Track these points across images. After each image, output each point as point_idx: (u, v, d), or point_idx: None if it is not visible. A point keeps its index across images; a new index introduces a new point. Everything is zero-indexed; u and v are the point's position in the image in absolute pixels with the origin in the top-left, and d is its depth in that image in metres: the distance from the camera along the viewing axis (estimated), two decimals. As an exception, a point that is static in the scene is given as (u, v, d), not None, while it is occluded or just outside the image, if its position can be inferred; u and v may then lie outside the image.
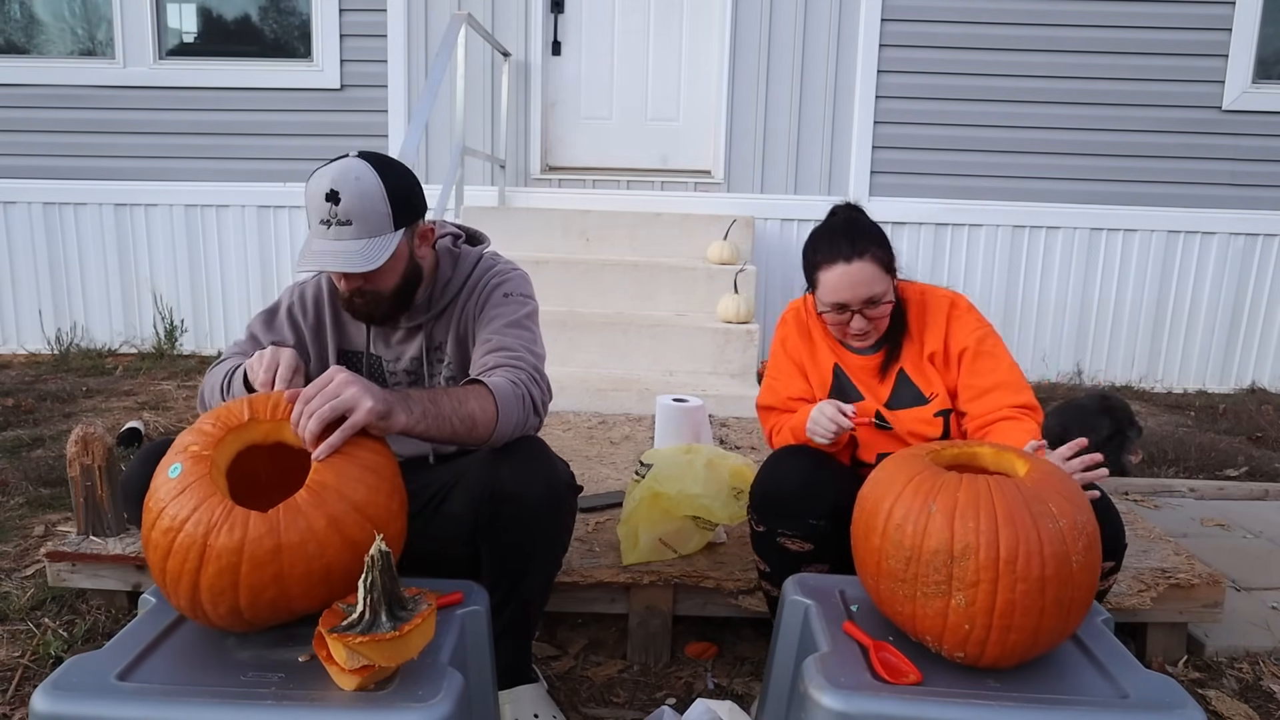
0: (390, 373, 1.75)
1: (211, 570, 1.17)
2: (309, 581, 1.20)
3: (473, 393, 1.49)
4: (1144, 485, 3.09)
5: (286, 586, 1.19)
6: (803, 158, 4.88)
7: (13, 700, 1.80)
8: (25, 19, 5.00)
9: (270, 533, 1.18)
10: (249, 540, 1.17)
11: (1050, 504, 1.22)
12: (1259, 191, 4.80)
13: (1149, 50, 4.69)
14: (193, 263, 5.09)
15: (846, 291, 1.75)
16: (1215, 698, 1.89)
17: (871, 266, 1.74)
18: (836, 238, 1.78)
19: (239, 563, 1.16)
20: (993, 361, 1.80)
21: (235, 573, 1.17)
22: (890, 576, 1.27)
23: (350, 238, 1.50)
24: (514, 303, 1.70)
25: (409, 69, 4.84)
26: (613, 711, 1.82)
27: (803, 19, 4.76)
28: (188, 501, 1.19)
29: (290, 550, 1.18)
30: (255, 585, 1.17)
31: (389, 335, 1.74)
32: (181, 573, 1.18)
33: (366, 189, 1.51)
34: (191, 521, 1.18)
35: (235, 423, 1.30)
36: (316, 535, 1.20)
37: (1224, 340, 4.98)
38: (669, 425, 2.40)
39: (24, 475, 3.02)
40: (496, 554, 1.59)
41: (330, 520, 1.21)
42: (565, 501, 1.61)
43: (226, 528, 1.17)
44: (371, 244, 1.51)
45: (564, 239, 4.51)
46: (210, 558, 1.17)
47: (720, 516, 1.97)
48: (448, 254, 1.73)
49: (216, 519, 1.18)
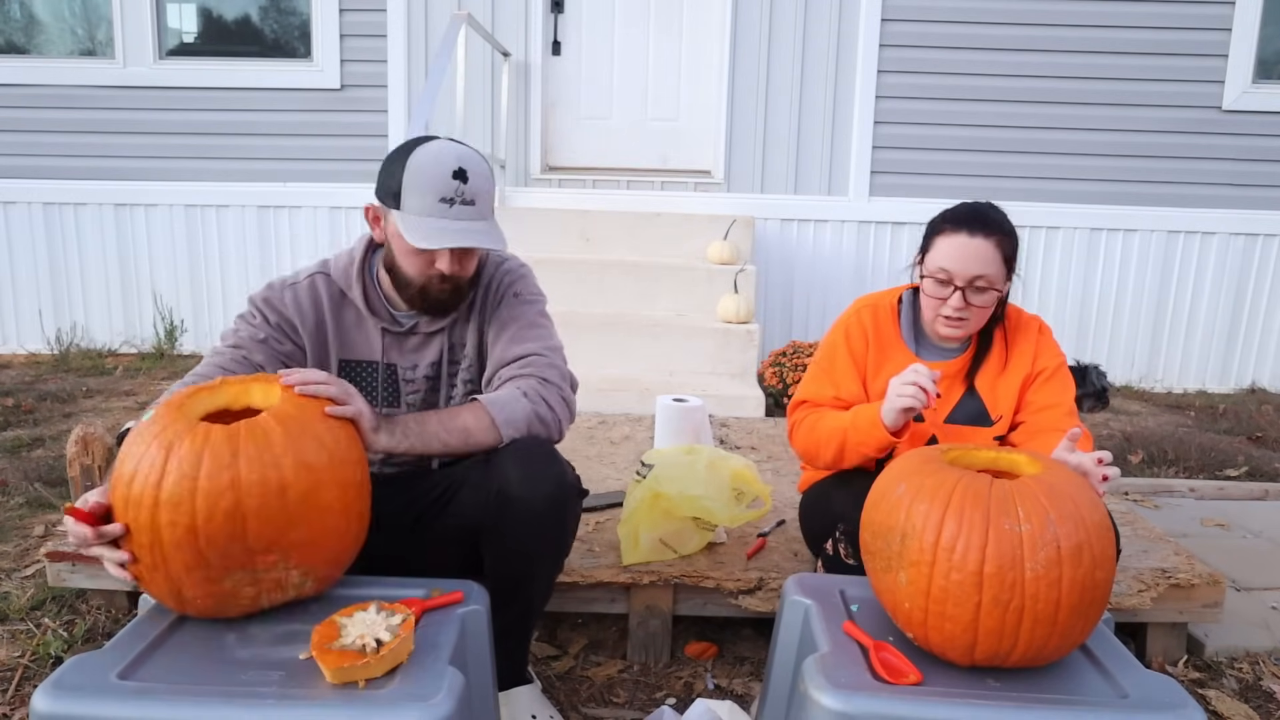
0: (407, 380, 1.69)
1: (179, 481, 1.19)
2: (265, 507, 1.22)
3: (466, 408, 1.53)
4: (1144, 485, 3.09)
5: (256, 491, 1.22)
6: (803, 158, 4.88)
7: (13, 700, 1.80)
8: (25, 19, 5.00)
9: (229, 437, 1.22)
10: (211, 444, 1.21)
11: (1021, 508, 1.20)
12: (1259, 191, 4.80)
13: (1149, 50, 4.69)
14: (193, 263, 5.09)
15: (957, 261, 1.68)
16: (1215, 698, 1.89)
17: (992, 248, 1.69)
18: (968, 212, 1.74)
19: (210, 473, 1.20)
20: (1060, 388, 1.80)
21: (218, 498, 1.19)
22: (867, 549, 1.36)
23: (472, 217, 1.53)
24: (525, 303, 1.72)
25: (409, 69, 4.84)
26: (613, 711, 1.82)
27: (803, 19, 4.76)
28: (163, 424, 1.25)
29: (257, 464, 1.22)
30: (240, 506, 1.20)
31: (404, 342, 1.69)
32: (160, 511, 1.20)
33: (486, 171, 1.56)
34: (160, 440, 1.22)
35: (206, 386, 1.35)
36: (277, 453, 1.23)
37: (1224, 340, 4.98)
38: (669, 425, 2.40)
39: (24, 475, 3.02)
40: (500, 555, 1.58)
41: (294, 448, 1.25)
42: (571, 505, 1.61)
43: (190, 438, 1.21)
44: (492, 225, 1.55)
45: (564, 239, 4.51)
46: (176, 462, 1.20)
47: (721, 518, 1.97)
48: None
49: (183, 429, 1.23)
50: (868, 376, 1.82)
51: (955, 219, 1.72)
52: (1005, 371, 1.81)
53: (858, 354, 1.83)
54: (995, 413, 1.80)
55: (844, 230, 4.93)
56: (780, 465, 2.81)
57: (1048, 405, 1.78)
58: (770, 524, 2.26)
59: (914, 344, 1.83)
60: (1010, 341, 1.82)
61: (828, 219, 4.92)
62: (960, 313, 1.72)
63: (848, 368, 1.82)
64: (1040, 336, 1.84)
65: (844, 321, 1.87)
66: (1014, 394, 1.80)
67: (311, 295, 1.66)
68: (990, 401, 1.80)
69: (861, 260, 4.95)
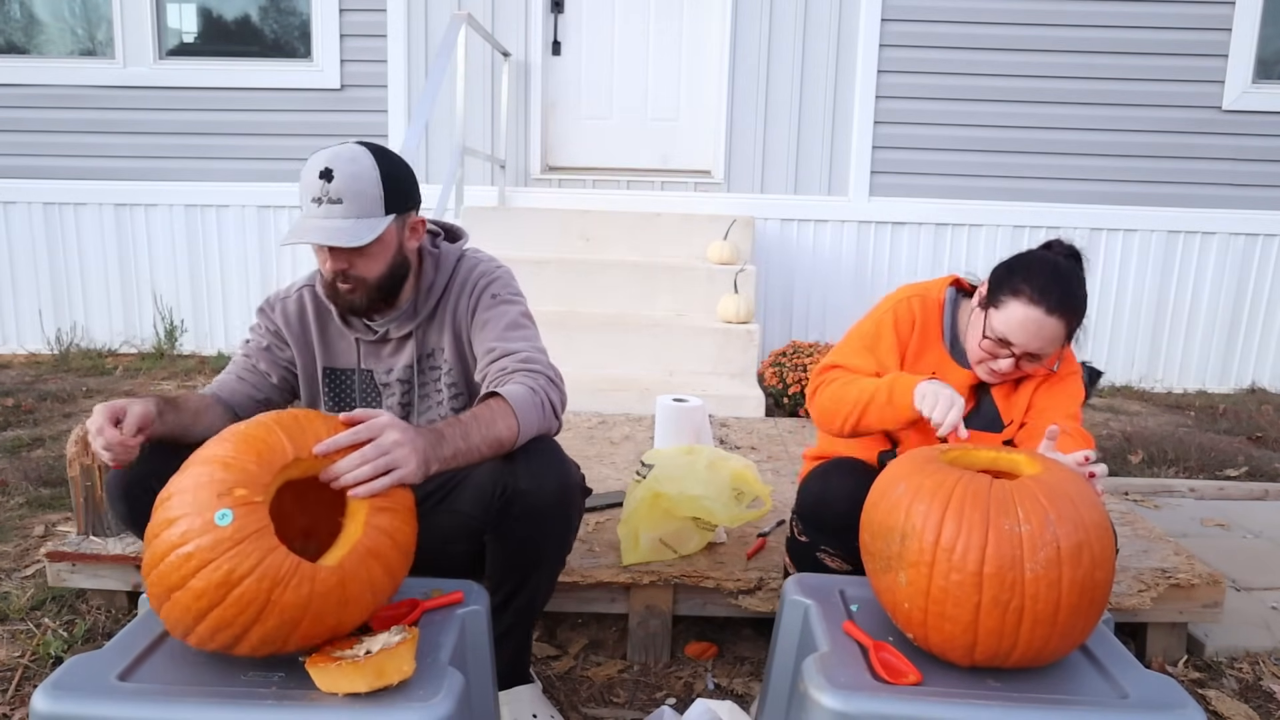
0: (383, 384, 1.73)
1: (272, 623, 1.13)
2: (344, 618, 1.20)
3: (499, 413, 1.48)
4: (1144, 485, 3.09)
5: (333, 628, 1.19)
6: (803, 158, 4.88)
7: (13, 700, 1.80)
8: (25, 19, 5.00)
9: (339, 585, 1.16)
10: (316, 595, 1.15)
11: (1020, 508, 1.20)
12: (1259, 191, 4.80)
13: (1149, 50, 4.69)
14: (193, 263, 5.09)
15: (1023, 335, 1.64)
16: (1215, 698, 1.89)
17: (1061, 329, 1.64)
18: (1053, 280, 1.64)
19: (302, 617, 1.14)
20: (1067, 394, 1.78)
21: (296, 625, 1.15)
22: (866, 550, 1.35)
23: (340, 216, 1.51)
24: (504, 302, 1.69)
25: (409, 69, 4.84)
26: (613, 711, 1.82)
27: (803, 19, 4.76)
28: (251, 553, 1.13)
29: (352, 599, 1.18)
30: (310, 634, 1.17)
31: (379, 349, 1.72)
32: (233, 622, 1.13)
33: (360, 170, 1.52)
34: (254, 576, 1.12)
35: (280, 462, 1.21)
36: (374, 582, 1.20)
37: (1224, 340, 4.97)
38: (669, 425, 2.40)
39: (24, 475, 3.02)
40: (504, 552, 1.58)
41: (385, 567, 1.22)
42: (575, 503, 1.61)
43: (295, 582, 1.13)
44: (360, 223, 1.52)
45: (564, 239, 4.51)
46: (273, 611, 1.13)
47: (721, 518, 1.97)
48: (427, 255, 1.71)
49: (284, 574, 1.13)
50: (906, 361, 1.80)
51: (1040, 290, 1.63)
52: (1021, 380, 1.80)
53: (904, 336, 1.81)
54: (1007, 417, 1.79)
55: (844, 230, 4.93)
56: (780, 465, 2.81)
57: (1050, 409, 1.77)
58: (770, 524, 2.26)
59: (950, 346, 1.82)
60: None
61: (828, 219, 4.92)
62: (1008, 373, 1.71)
63: (892, 347, 1.80)
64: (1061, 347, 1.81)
65: (892, 304, 1.84)
66: (1026, 399, 1.79)
67: (299, 308, 1.74)
68: (1004, 408, 1.79)
69: (861, 260, 4.95)
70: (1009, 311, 1.65)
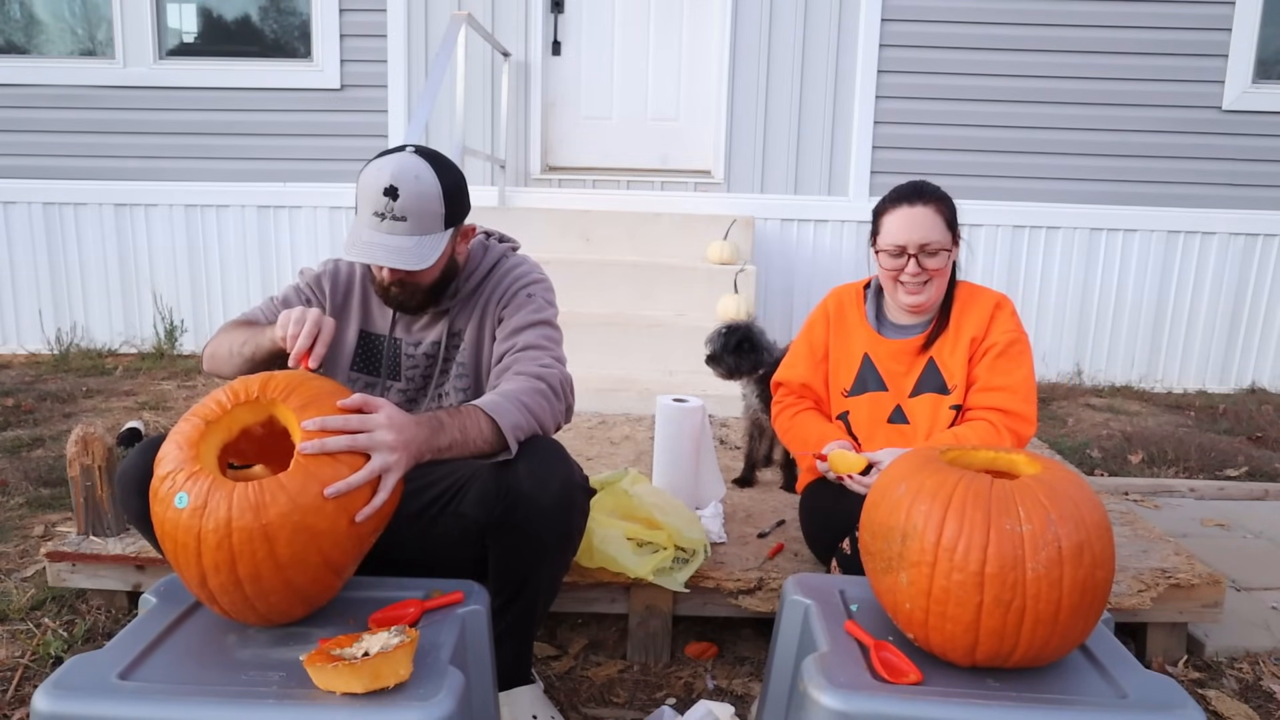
0: (408, 355, 1.78)
1: (284, 544, 1.20)
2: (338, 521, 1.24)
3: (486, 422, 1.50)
4: (1144, 485, 3.09)
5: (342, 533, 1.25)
6: (803, 158, 4.88)
7: (13, 700, 1.80)
8: (25, 19, 5.00)
9: (309, 478, 1.22)
10: (296, 508, 1.21)
11: (1021, 508, 1.20)
12: (1259, 191, 4.80)
13: (1149, 50, 4.69)
14: (193, 263, 5.09)
15: (904, 233, 1.84)
16: (1215, 698, 1.89)
17: (933, 214, 1.84)
18: (904, 188, 1.90)
19: (302, 526, 1.21)
20: (1010, 365, 1.86)
21: (309, 534, 1.21)
22: (866, 550, 1.35)
23: (403, 234, 1.55)
24: (538, 308, 1.74)
25: (409, 69, 4.84)
26: (613, 711, 1.82)
27: (803, 19, 4.76)
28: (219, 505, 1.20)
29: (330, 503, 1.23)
30: (328, 550, 1.23)
31: (413, 322, 1.78)
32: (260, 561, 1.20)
33: (425, 189, 1.55)
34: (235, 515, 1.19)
35: (214, 416, 1.29)
36: (338, 476, 1.24)
37: (1224, 340, 4.97)
38: (669, 425, 2.40)
39: (24, 475, 3.02)
40: (505, 552, 1.58)
41: (346, 464, 1.26)
42: (578, 503, 1.62)
43: (269, 499, 1.20)
44: (423, 242, 1.56)
45: (564, 239, 4.51)
46: (277, 533, 1.19)
47: (635, 571, 1.90)
48: (479, 246, 1.80)
49: (256, 498, 1.20)
50: (829, 354, 2.03)
51: (895, 196, 1.90)
52: (957, 341, 1.90)
53: (815, 344, 2.04)
54: (951, 381, 1.90)
55: (844, 230, 4.93)
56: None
57: (990, 386, 1.87)
58: (770, 524, 2.26)
59: (876, 323, 1.99)
60: (962, 312, 1.92)
61: (827, 219, 4.92)
62: (918, 278, 1.85)
63: (806, 356, 2.05)
64: (997, 310, 1.91)
65: (813, 313, 2.08)
66: (964, 362, 1.89)
67: (349, 274, 1.82)
68: (946, 371, 1.90)
69: (861, 260, 4.94)
70: (885, 225, 1.89)
